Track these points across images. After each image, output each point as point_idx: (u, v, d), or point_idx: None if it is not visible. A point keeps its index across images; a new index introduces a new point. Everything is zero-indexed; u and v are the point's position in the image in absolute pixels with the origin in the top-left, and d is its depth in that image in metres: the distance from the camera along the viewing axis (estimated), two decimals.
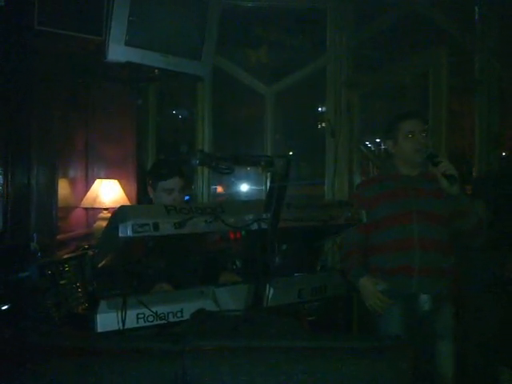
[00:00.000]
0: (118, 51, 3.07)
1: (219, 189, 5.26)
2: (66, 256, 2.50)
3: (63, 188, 3.53)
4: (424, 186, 2.55)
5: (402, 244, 2.49)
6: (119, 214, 1.69)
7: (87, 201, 3.83)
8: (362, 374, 1.29)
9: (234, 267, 2.50)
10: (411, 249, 2.47)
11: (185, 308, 1.87)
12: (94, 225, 3.80)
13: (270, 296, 1.96)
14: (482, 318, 3.02)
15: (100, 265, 1.97)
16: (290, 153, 5.18)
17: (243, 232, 1.94)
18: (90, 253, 2.45)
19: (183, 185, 2.54)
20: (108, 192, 3.81)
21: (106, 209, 3.78)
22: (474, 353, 3.06)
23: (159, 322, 1.82)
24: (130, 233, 1.61)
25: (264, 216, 1.82)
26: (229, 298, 1.98)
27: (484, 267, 3.04)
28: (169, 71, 3.38)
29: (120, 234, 1.62)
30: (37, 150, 3.09)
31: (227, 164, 1.83)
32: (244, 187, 5.46)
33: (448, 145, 3.74)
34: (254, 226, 1.81)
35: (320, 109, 5.31)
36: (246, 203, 2.55)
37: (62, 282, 2.24)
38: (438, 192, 2.51)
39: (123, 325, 1.74)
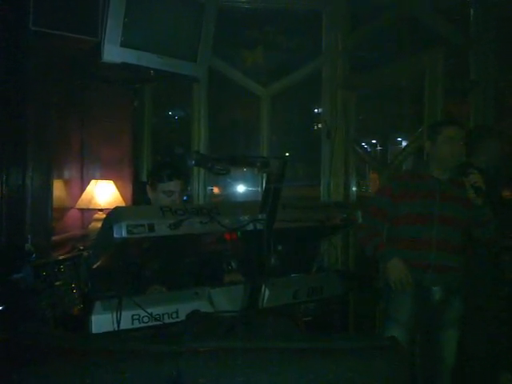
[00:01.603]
0: (113, 52, 3.06)
1: (215, 190, 5.25)
2: (60, 257, 2.50)
3: (58, 189, 3.52)
4: (450, 191, 2.67)
5: (421, 243, 2.63)
6: (114, 215, 1.68)
7: (82, 202, 3.81)
8: (357, 374, 1.29)
9: (230, 268, 2.50)
10: (428, 249, 2.62)
11: (180, 309, 1.86)
12: (89, 226, 3.79)
13: (266, 297, 1.96)
14: (483, 322, 3.03)
15: (95, 266, 1.96)
16: (286, 154, 5.18)
17: (239, 233, 1.94)
18: (85, 254, 2.45)
19: (183, 188, 2.56)
20: (103, 193, 3.80)
21: (101, 210, 3.76)
22: (476, 356, 3.07)
23: (154, 323, 1.82)
24: (124, 234, 1.61)
25: (260, 217, 1.81)
26: (224, 299, 1.97)
27: (487, 271, 3.05)
28: (164, 72, 3.37)
29: (115, 235, 1.62)
30: (32, 150, 3.08)
31: (223, 165, 1.83)
32: (240, 188, 5.45)
33: None
34: (250, 227, 1.81)
35: (316, 110, 5.31)
36: (242, 204, 2.55)
37: (56, 283, 2.24)
38: (463, 198, 2.63)
39: (118, 326, 1.74)
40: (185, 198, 2.75)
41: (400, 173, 3.73)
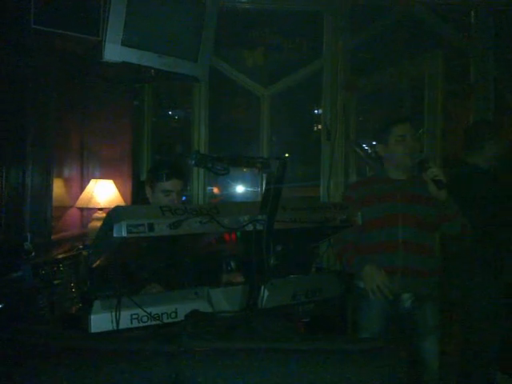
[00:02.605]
0: (114, 51, 3.06)
1: (215, 190, 5.25)
2: (60, 256, 2.49)
3: (58, 188, 3.52)
4: (412, 191, 2.61)
5: (387, 246, 2.58)
6: (114, 215, 1.68)
7: (82, 201, 3.81)
8: (355, 376, 1.29)
9: (229, 268, 2.50)
10: (395, 251, 2.56)
11: (179, 309, 1.86)
12: (89, 225, 3.79)
13: (265, 297, 1.96)
14: (482, 326, 3.03)
15: (94, 265, 1.96)
16: (286, 154, 5.18)
17: (238, 233, 1.94)
18: (85, 253, 2.45)
19: (182, 187, 2.55)
20: (103, 192, 3.80)
21: (100, 209, 3.77)
22: (473, 359, 3.07)
23: (153, 322, 1.82)
24: (124, 233, 1.61)
25: (259, 217, 1.81)
26: (223, 300, 1.97)
27: (486, 275, 3.05)
28: (165, 72, 3.37)
29: (114, 235, 1.62)
30: (32, 149, 3.08)
31: (223, 165, 1.83)
32: (240, 189, 5.46)
33: (443, 148, 3.76)
34: (249, 228, 1.81)
35: (316, 111, 5.31)
36: (242, 204, 2.55)
37: (56, 282, 2.23)
38: (426, 197, 2.58)
39: (117, 325, 1.74)
40: (184, 198, 2.75)
41: (357, 181, 3.73)
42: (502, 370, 3.22)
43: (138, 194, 3.95)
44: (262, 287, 1.91)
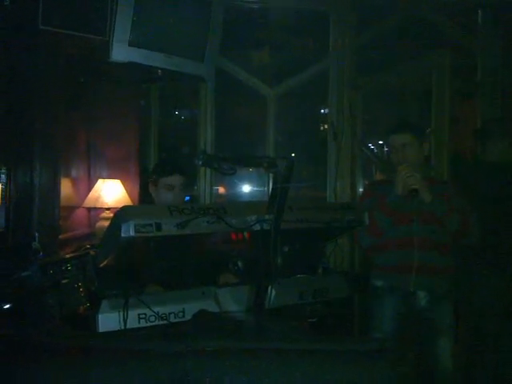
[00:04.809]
0: (121, 51, 3.07)
1: (221, 190, 5.26)
2: (67, 256, 2.50)
3: (65, 188, 3.53)
4: None
5: (402, 243, 2.59)
6: (121, 214, 1.69)
7: (89, 200, 3.83)
8: (362, 376, 1.29)
9: (236, 268, 2.50)
10: (411, 248, 2.57)
11: (186, 308, 1.87)
12: (96, 225, 3.81)
13: (272, 297, 1.96)
14: (486, 322, 3.02)
15: (102, 265, 1.97)
16: (293, 154, 5.18)
17: (245, 233, 1.94)
18: (92, 252, 2.45)
19: (183, 183, 2.59)
20: (110, 192, 3.82)
21: (108, 209, 3.78)
22: (475, 356, 3.07)
23: (161, 322, 1.82)
24: (132, 233, 1.62)
25: (266, 217, 1.82)
26: (230, 299, 1.98)
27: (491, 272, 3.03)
28: (172, 72, 3.38)
29: (122, 234, 1.62)
30: (39, 149, 3.09)
31: (230, 165, 1.84)
32: (246, 188, 5.46)
33: (450, 147, 3.75)
34: (257, 227, 1.81)
35: (323, 111, 5.31)
36: (249, 204, 2.56)
37: (63, 281, 2.24)
38: (438, 195, 2.57)
39: (125, 325, 1.74)
40: (188, 197, 2.77)
41: (379, 180, 3.78)
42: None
43: (145, 194, 3.96)
44: (269, 287, 1.91)
